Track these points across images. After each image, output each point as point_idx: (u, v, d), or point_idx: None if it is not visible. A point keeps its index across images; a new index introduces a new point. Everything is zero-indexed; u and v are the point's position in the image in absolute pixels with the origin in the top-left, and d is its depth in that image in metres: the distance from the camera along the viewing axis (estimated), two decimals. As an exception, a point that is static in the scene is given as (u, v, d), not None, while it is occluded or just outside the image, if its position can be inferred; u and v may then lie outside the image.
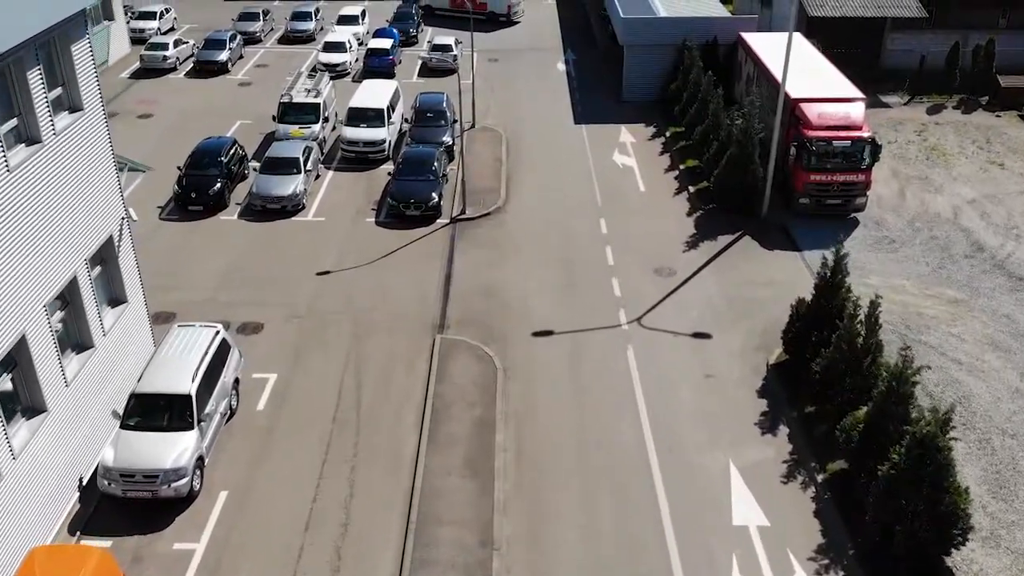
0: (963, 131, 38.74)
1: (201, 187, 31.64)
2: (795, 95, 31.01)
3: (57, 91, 18.41)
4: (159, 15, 53.20)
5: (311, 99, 36.98)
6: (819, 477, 19.80)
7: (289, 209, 31.75)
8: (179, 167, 32.56)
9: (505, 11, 56.75)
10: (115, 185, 20.67)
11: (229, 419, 21.35)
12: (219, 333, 21.37)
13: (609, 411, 22.07)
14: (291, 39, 52.85)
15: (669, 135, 38.57)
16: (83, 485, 19.24)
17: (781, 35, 36.18)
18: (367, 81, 39.80)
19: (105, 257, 20.55)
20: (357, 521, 18.77)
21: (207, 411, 19.73)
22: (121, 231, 20.91)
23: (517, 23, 57.35)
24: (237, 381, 21.88)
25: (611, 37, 49.96)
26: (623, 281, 27.62)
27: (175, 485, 18.51)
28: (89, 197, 19.31)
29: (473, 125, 39.19)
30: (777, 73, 31.88)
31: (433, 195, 31.36)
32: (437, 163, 32.70)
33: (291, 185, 31.76)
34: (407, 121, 38.07)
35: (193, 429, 19.18)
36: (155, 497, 18.58)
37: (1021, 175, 34.60)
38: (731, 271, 28.15)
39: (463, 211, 31.92)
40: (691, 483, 19.79)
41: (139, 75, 46.40)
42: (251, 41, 51.78)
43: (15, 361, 17.08)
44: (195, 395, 19.41)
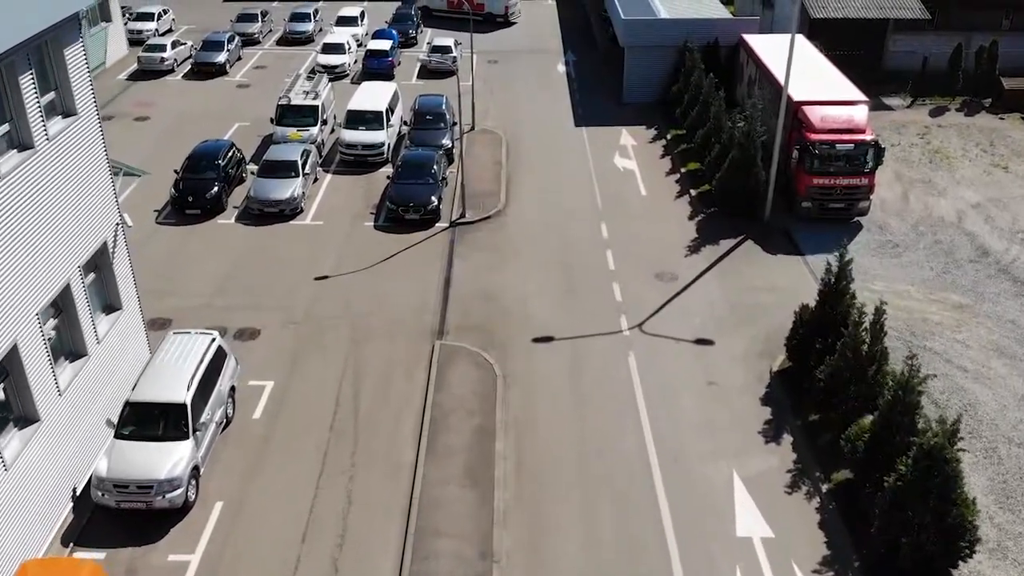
0: (966, 134, 38.46)
1: (198, 191, 31.35)
2: (797, 98, 30.73)
3: (50, 96, 18.10)
4: (157, 16, 52.91)
5: (309, 101, 36.68)
6: (824, 487, 19.50)
7: (287, 213, 31.47)
8: (176, 170, 32.27)
9: (503, 12, 56.48)
10: (110, 191, 20.37)
11: (225, 428, 21.06)
12: (215, 340, 21.07)
13: (610, 419, 21.79)
14: (290, 40, 52.56)
15: (670, 138, 38.30)
16: (77, 495, 18.94)
17: (783, 37, 35.99)
18: (366, 83, 39.52)
19: (99, 263, 20.25)
20: (355, 532, 18.49)
21: (202, 420, 19.45)
22: (116, 237, 20.62)
23: (514, 24, 57.09)
24: (233, 389, 21.59)
25: (611, 38, 49.67)
26: (624, 286, 27.33)
27: (170, 496, 18.22)
28: (83, 203, 19.02)
29: (473, 127, 38.92)
30: (779, 75, 31.62)
31: (432, 199, 31.08)
32: (436, 166, 32.41)
33: (289, 189, 31.47)
34: (406, 124, 37.78)
35: (188, 438, 18.89)
36: (149, 508, 18.29)
37: (1025, 178, 34.38)
38: (733, 276, 27.87)
39: (462, 215, 31.64)
40: (694, 493, 19.50)
41: (136, 77, 46.10)
42: (249, 42, 51.49)
43: (7, 370, 16.81)
44: (190, 404, 19.12)
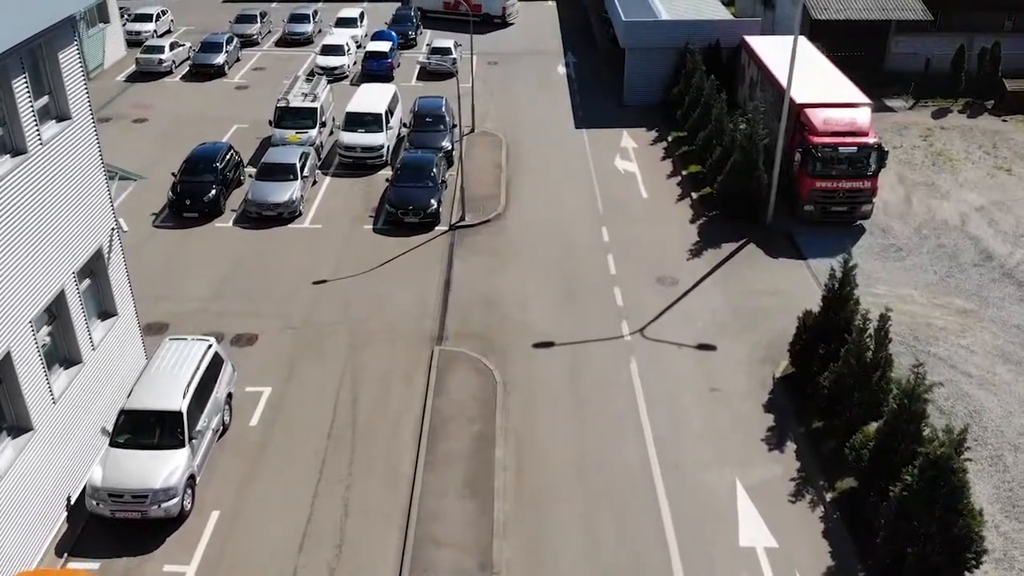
0: (969, 136, 38.21)
1: (196, 194, 31.09)
2: (800, 100, 30.48)
3: (44, 100, 17.87)
4: (155, 17, 52.64)
5: (308, 103, 36.43)
6: (828, 496, 19.27)
7: (285, 216, 31.21)
8: (173, 173, 32.02)
9: (500, 12, 56.26)
10: (105, 195, 20.11)
11: (222, 435, 20.81)
12: (211, 347, 20.83)
13: (612, 426, 21.53)
14: (289, 42, 52.31)
15: (671, 140, 38.06)
16: (71, 504, 18.70)
17: (785, 39, 35.69)
18: (365, 85, 39.26)
19: (94, 269, 19.99)
20: (352, 542, 18.23)
21: (198, 428, 19.19)
22: (111, 242, 20.37)
23: (511, 24, 56.88)
24: (230, 396, 21.33)
25: (612, 39, 49.41)
26: (625, 291, 27.08)
27: (165, 505, 17.97)
28: (77, 208, 18.77)
29: (472, 130, 38.67)
30: (781, 77, 31.41)
31: (432, 202, 30.83)
32: (436, 169, 32.16)
33: (287, 192, 31.22)
34: (405, 126, 37.53)
35: (184, 447, 18.63)
36: (145, 517, 18.01)
37: (1029, 181, 34.13)
38: (735, 280, 27.62)
39: (462, 218, 31.39)
40: (696, 502, 19.25)
41: (134, 78, 45.86)
42: (248, 44, 51.24)
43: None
44: (186, 412, 18.86)
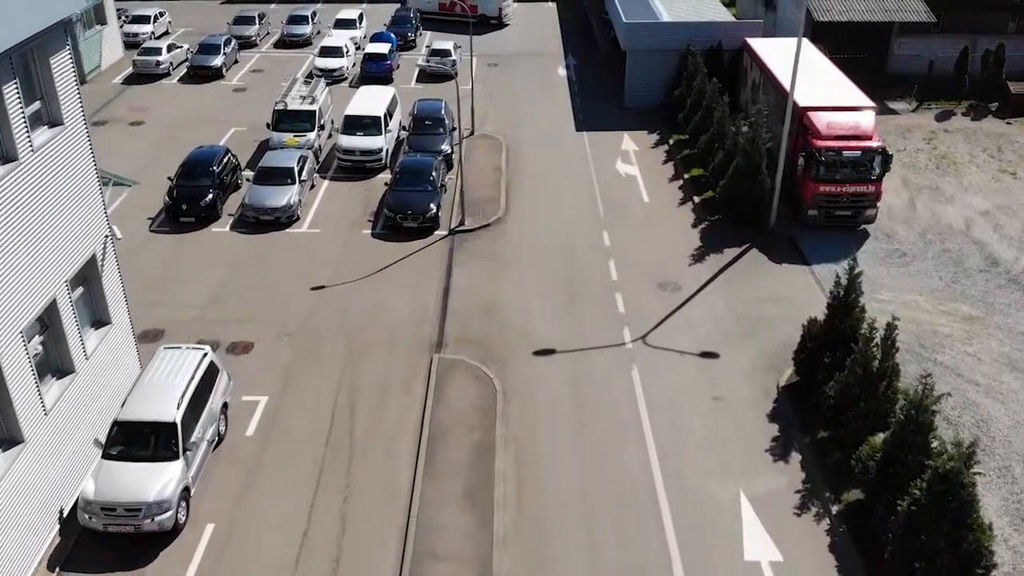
0: (973, 139, 37.89)
1: (192, 198, 30.76)
2: (803, 103, 30.15)
3: (35, 106, 17.53)
4: (153, 19, 52.35)
5: (306, 106, 36.10)
6: (834, 508, 18.91)
7: (283, 221, 30.87)
8: (170, 177, 31.70)
9: (496, 13, 55.99)
10: (98, 202, 19.77)
11: (217, 446, 20.46)
12: (207, 355, 20.49)
13: (613, 436, 21.19)
14: (287, 43, 52.01)
15: (673, 143, 37.73)
16: (64, 517, 18.36)
17: (788, 41, 35.45)
18: (364, 87, 38.93)
19: (87, 277, 19.65)
20: (349, 556, 17.89)
21: (193, 439, 18.86)
22: (105, 250, 20.03)
23: (507, 25, 56.59)
24: (225, 406, 20.98)
25: (612, 40, 49.12)
26: (627, 297, 26.75)
27: (159, 519, 17.63)
28: (70, 216, 18.43)
29: (472, 132, 38.35)
30: (784, 80, 31.08)
31: (431, 206, 30.50)
32: (435, 172, 31.83)
33: (285, 196, 30.89)
34: (405, 129, 37.21)
35: (178, 459, 18.29)
36: (138, 531, 17.68)
37: (1034, 185, 33.80)
38: (738, 286, 27.28)
39: (462, 222, 31.06)
40: (700, 515, 18.90)
41: (132, 80, 45.53)
42: (246, 45, 50.96)
43: (-11, 391, 16.26)
44: (180, 423, 18.52)
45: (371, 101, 36.54)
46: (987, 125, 39.37)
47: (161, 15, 53.60)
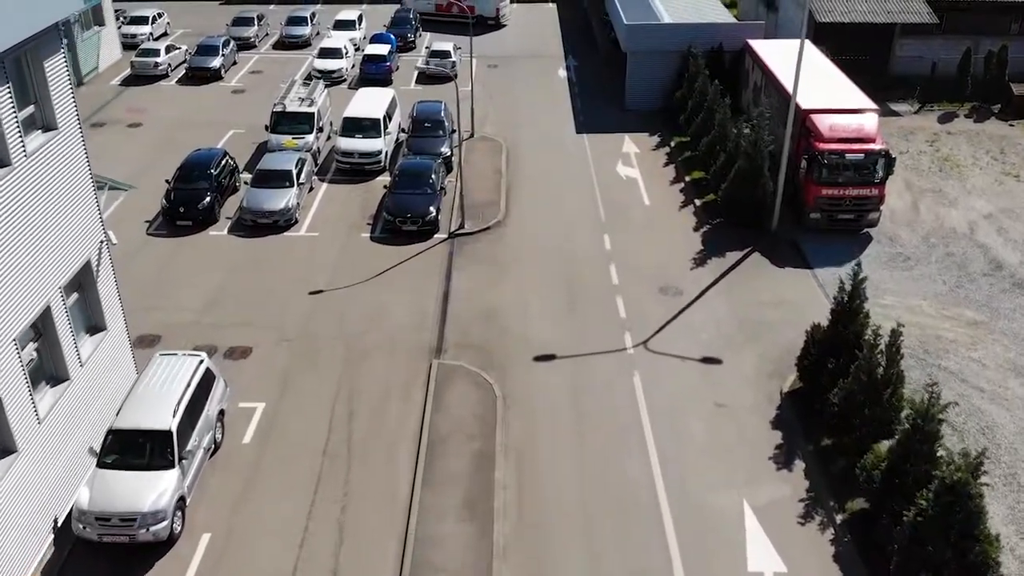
0: (976, 141, 37.65)
1: (190, 201, 30.50)
2: (806, 106, 29.90)
3: (29, 110, 17.30)
4: (151, 20, 52.10)
5: (305, 108, 35.86)
6: (838, 518, 18.67)
7: (281, 224, 30.62)
8: (167, 180, 31.45)
9: (493, 14, 55.79)
10: (93, 207, 19.52)
11: (213, 454, 20.21)
12: (203, 362, 20.24)
13: (614, 443, 20.94)
14: (286, 44, 51.76)
15: (674, 145, 37.49)
16: (58, 527, 18.11)
17: (790, 42, 35.17)
18: (363, 89, 38.68)
19: (82, 283, 19.41)
20: (347, 566, 17.62)
21: (189, 447, 18.61)
22: (100, 255, 19.79)
23: (504, 26, 56.36)
24: (222, 413, 20.74)
25: (612, 41, 48.90)
26: (628, 301, 26.50)
27: (154, 529, 17.38)
28: (64, 221, 18.19)
29: (472, 134, 38.10)
30: (787, 82, 30.84)
31: (431, 209, 30.26)
32: (435, 175, 31.59)
33: (283, 199, 30.64)
34: (404, 131, 36.96)
35: (174, 468, 18.04)
36: (133, 542, 17.42)
37: (1038, 187, 33.55)
38: (741, 290, 27.04)
39: (461, 226, 30.80)
40: (703, 524, 18.65)
41: (130, 82, 45.28)
42: (245, 47, 50.71)
43: (-19, 400, 16.01)
44: (176, 431, 18.27)
45: (370, 103, 36.30)
46: (990, 127, 39.13)
47: (160, 16, 53.35)
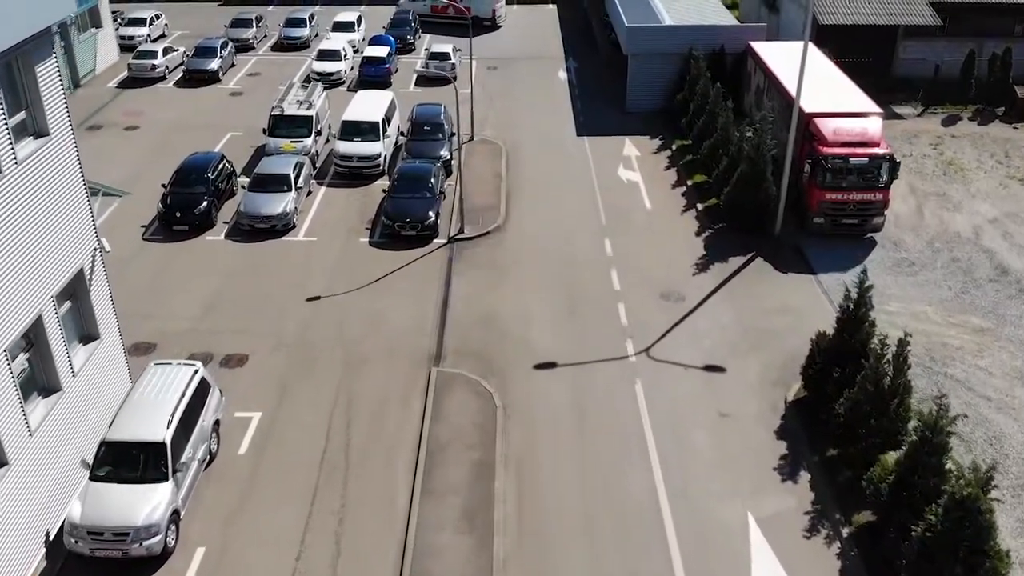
0: (980, 144, 37.31)
1: (187, 206, 30.16)
2: (809, 109, 29.57)
3: (20, 116, 16.97)
4: (149, 22, 51.74)
5: (303, 111, 35.53)
6: (844, 531, 18.34)
7: (279, 228, 30.28)
8: (164, 184, 31.11)
9: (490, 15, 55.51)
10: (86, 214, 19.20)
11: (208, 465, 19.87)
12: (198, 372, 19.90)
13: (617, 454, 20.60)
14: (285, 46, 51.42)
15: (675, 148, 37.15)
16: (50, 541, 17.77)
17: (793, 45, 34.89)
18: (362, 92, 38.35)
19: (75, 292, 19.08)
20: (345, 581, 17.36)
21: (183, 460, 18.27)
22: (93, 263, 19.46)
23: (500, 27, 56.07)
24: (217, 423, 20.40)
25: (612, 43, 48.56)
26: (630, 307, 26.17)
27: (147, 543, 17.05)
28: (56, 229, 17.86)
29: (472, 137, 37.77)
30: (790, 85, 30.52)
31: (430, 213, 29.93)
32: (434, 179, 31.26)
33: (281, 203, 30.31)
34: (403, 134, 36.62)
35: (168, 480, 17.71)
36: (126, 556, 17.10)
37: (1043, 191, 33.22)
38: (744, 296, 26.70)
39: (461, 230, 30.47)
40: (706, 536, 18.32)
41: (127, 84, 44.93)
42: (243, 48, 50.36)
43: (-30, 412, 15.68)
44: (170, 443, 17.94)
45: (369, 106, 35.96)
46: (994, 130, 38.80)
47: (157, 18, 52.98)
